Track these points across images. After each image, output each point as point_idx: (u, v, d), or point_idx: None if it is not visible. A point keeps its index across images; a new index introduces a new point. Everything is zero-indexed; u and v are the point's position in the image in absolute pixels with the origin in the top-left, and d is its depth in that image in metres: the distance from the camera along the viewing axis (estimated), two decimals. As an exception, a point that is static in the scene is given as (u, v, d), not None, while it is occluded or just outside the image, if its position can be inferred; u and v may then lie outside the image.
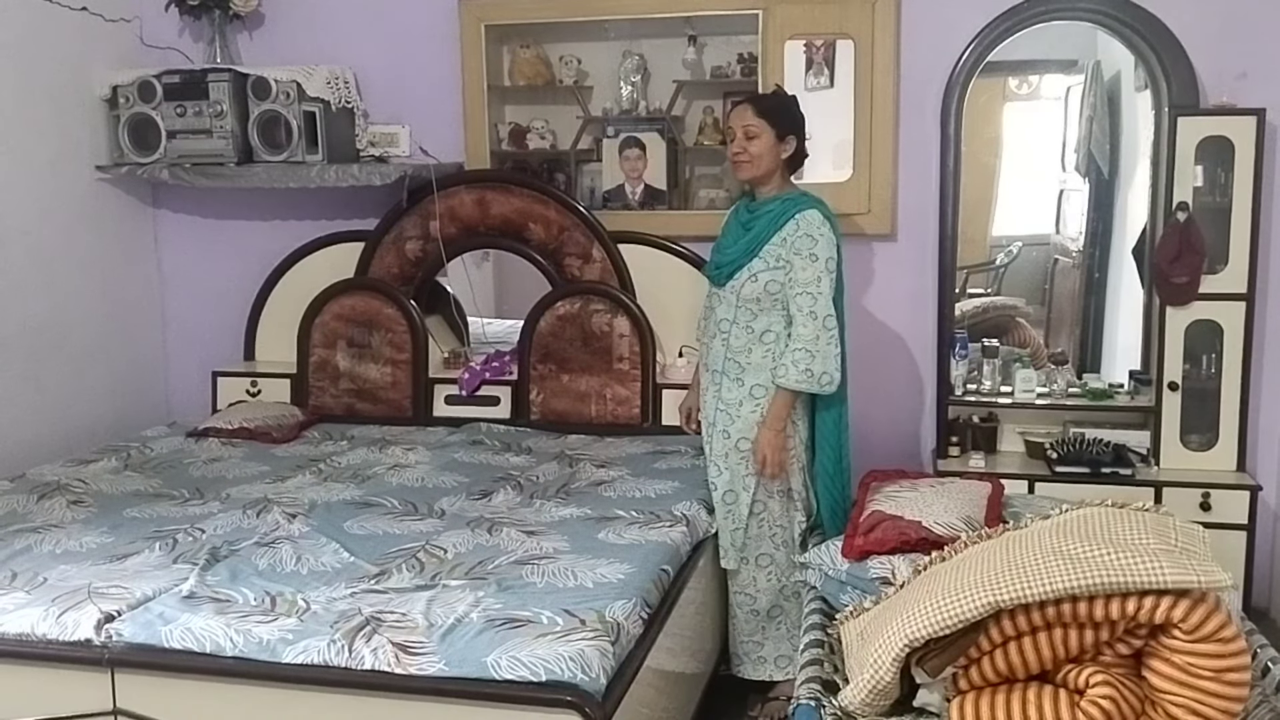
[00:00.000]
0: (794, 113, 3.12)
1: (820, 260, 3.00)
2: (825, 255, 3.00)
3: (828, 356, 3.00)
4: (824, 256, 3.00)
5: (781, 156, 3.09)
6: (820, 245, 3.00)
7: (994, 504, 2.87)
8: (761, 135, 3.05)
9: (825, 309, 2.99)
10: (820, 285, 2.99)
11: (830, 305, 3.00)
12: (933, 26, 3.70)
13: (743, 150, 3.07)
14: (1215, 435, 3.58)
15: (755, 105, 3.10)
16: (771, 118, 3.06)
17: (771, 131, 3.05)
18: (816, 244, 3.00)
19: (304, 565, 2.57)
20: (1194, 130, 3.47)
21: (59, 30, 3.87)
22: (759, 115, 3.06)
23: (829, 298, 3.00)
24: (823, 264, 3.00)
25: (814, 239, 3.00)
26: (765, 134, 3.05)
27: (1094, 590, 1.87)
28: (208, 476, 3.35)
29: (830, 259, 3.01)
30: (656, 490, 3.14)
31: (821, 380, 3.00)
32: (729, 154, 3.15)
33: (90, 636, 2.25)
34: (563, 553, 2.63)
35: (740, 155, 3.08)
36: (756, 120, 3.05)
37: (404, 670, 2.09)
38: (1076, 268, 4.04)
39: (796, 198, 3.09)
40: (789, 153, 3.11)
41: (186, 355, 4.43)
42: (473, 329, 4.34)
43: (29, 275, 3.78)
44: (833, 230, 3.05)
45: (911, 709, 2.10)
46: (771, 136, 3.05)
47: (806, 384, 3.00)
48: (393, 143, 4.09)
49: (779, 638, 3.25)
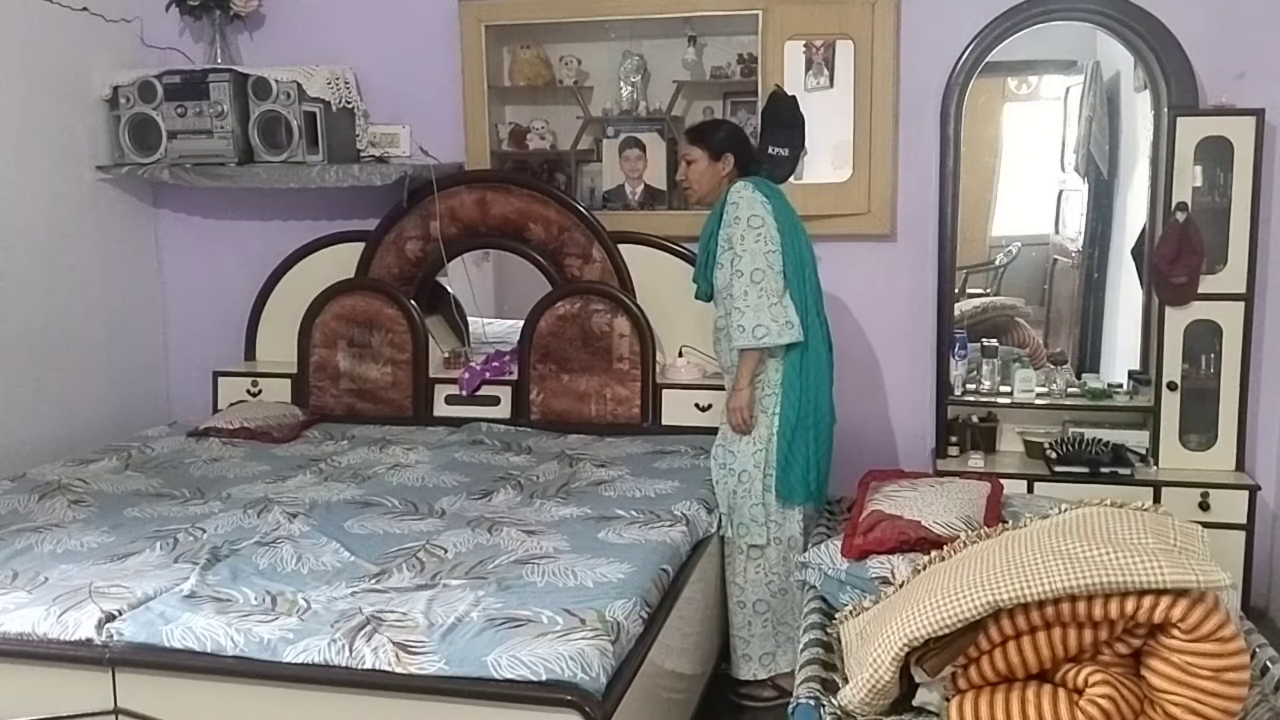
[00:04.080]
0: (726, 132, 3.29)
1: (743, 220, 3.09)
2: (747, 214, 3.09)
3: (759, 309, 3.06)
4: (745, 215, 3.09)
5: (722, 174, 3.23)
6: (741, 207, 3.10)
7: (993, 504, 2.87)
8: (697, 160, 3.23)
9: (751, 264, 3.07)
10: (745, 243, 3.08)
11: (760, 260, 3.07)
12: (932, 27, 3.70)
13: (684, 177, 3.30)
14: (1214, 435, 3.58)
15: (689, 135, 3.32)
16: (703, 142, 3.24)
17: (705, 155, 3.22)
18: (738, 207, 3.11)
19: (304, 565, 2.58)
20: (1193, 130, 3.47)
21: (60, 30, 3.87)
22: (691, 144, 3.26)
23: (757, 254, 3.07)
24: (745, 223, 3.08)
25: (736, 204, 3.12)
26: (700, 158, 3.23)
27: (1093, 590, 1.87)
28: (208, 476, 3.35)
29: (753, 216, 3.09)
30: (656, 490, 3.15)
31: (756, 333, 3.06)
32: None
33: (91, 636, 2.26)
34: (563, 552, 2.64)
35: (684, 182, 3.33)
36: (689, 148, 3.25)
37: (404, 669, 2.10)
38: (1076, 268, 4.04)
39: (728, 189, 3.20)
40: (728, 169, 3.23)
41: (187, 355, 4.44)
42: (473, 329, 4.34)
43: (30, 275, 3.78)
44: (764, 195, 3.12)
45: (911, 708, 2.10)
46: (705, 159, 3.22)
47: (745, 340, 3.08)
48: (393, 143, 4.10)
49: (764, 635, 3.28)
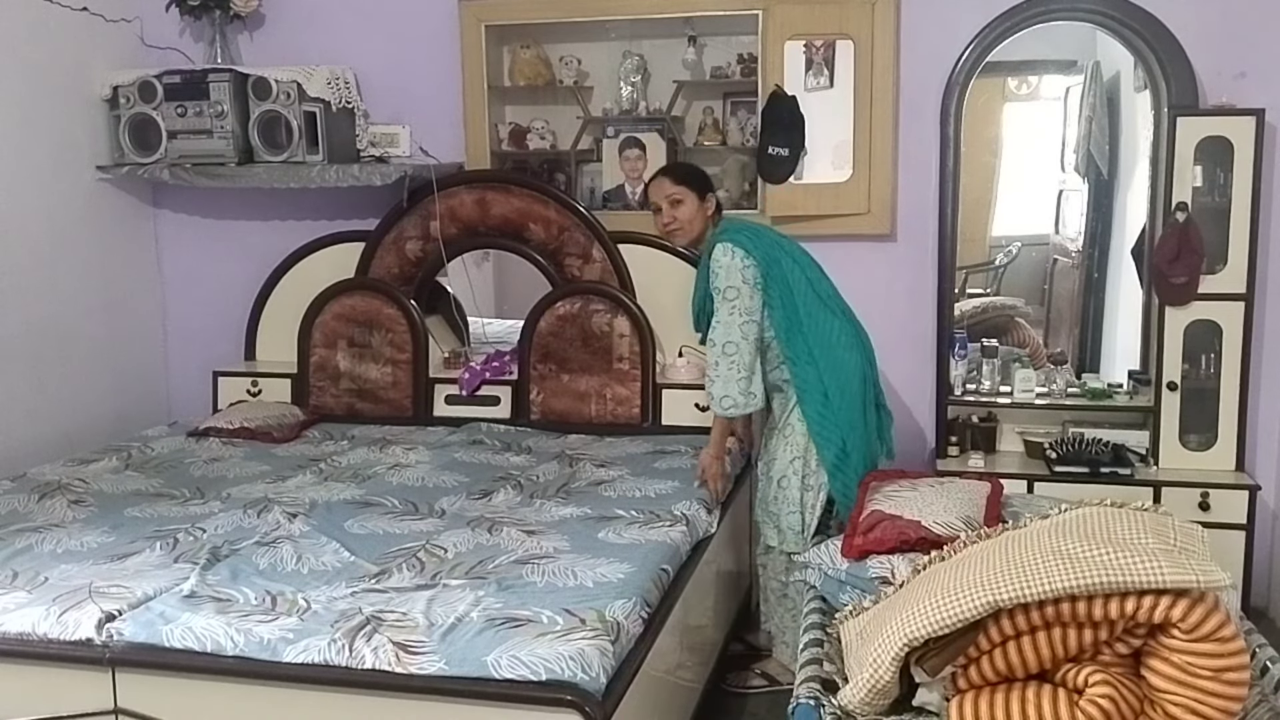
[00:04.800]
0: (704, 175, 3.34)
1: (720, 290, 3.15)
2: (724, 285, 3.14)
3: (728, 381, 3.13)
4: (723, 287, 3.14)
5: (707, 214, 3.27)
6: (720, 277, 3.15)
7: (993, 504, 2.87)
8: (686, 200, 3.23)
9: (724, 336, 3.14)
10: (720, 314, 3.15)
11: (734, 333, 3.12)
12: (932, 27, 3.70)
13: (673, 220, 3.25)
14: (1214, 435, 3.58)
15: (672, 176, 3.29)
16: (690, 183, 3.25)
17: (694, 195, 3.24)
18: (718, 277, 3.16)
19: (304, 565, 2.58)
20: (1193, 130, 3.47)
21: (60, 30, 3.87)
22: (678, 183, 3.25)
23: (731, 326, 3.13)
24: (722, 294, 3.15)
25: (716, 273, 3.16)
26: (689, 198, 3.24)
27: (1093, 590, 1.87)
28: (208, 476, 3.35)
29: (730, 288, 3.13)
30: (656, 490, 3.15)
31: (723, 404, 3.16)
32: (659, 226, 3.31)
33: (91, 636, 2.26)
34: (563, 552, 2.64)
35: (671, 224, 3.26)
36: (677, 188, 3.24)
37: (404, 669, 2.10)
38: (1076, 268, 4.04)
39: (711, 237, 3.24)
40: (711, 209, 3.28)
41: (187, 355, 4.44)
42: (473, 329, 4.35)
43: (30, 275, 3.78)
44: (738, 251, 3.12)
45: (911, 708, 2.10)
46: (695, 200, 3.24)
47: (714, 407, 3.18)
48: (393, 143, 4.09)
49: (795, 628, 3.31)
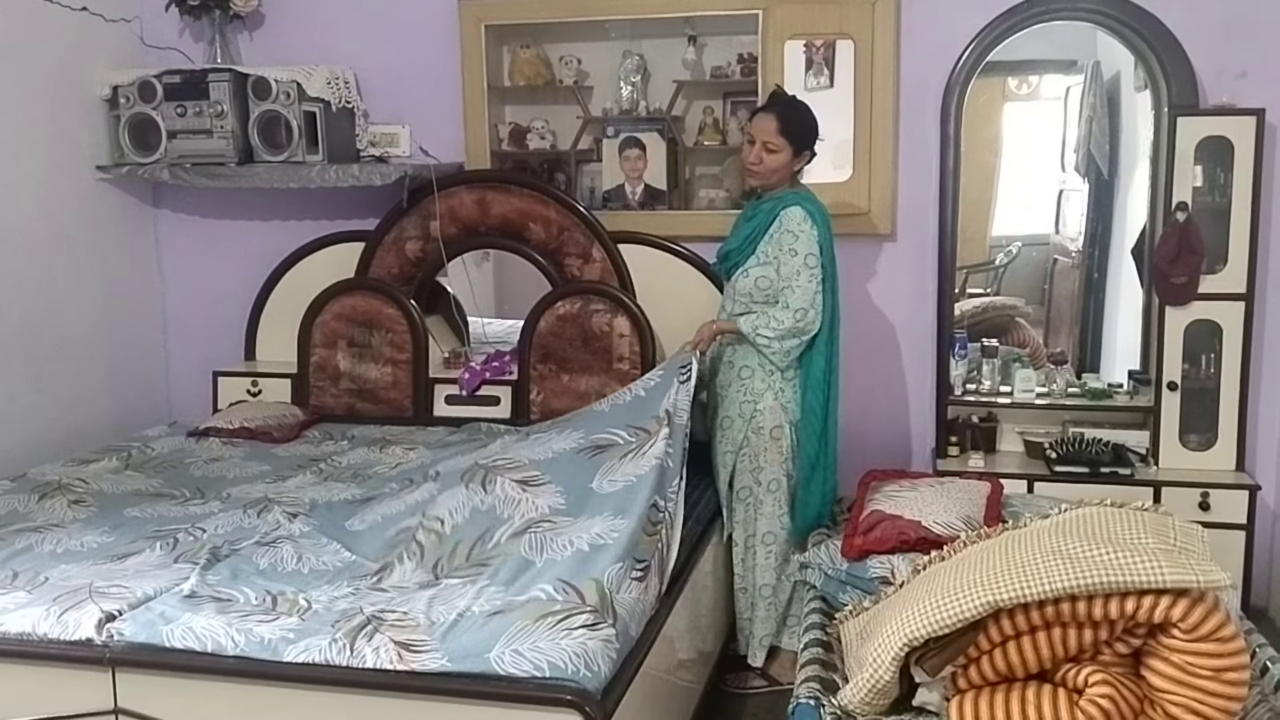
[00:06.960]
0: (814, 130, 3.20)
1: (800, 255, 3.08)
2: (805, 251, 3.08)
3: (785, 338, 3.10)
4: (803, 252, 3.08)
5: (794, 169, 3.21)
6: (800, 241, 3.09)
7: (993, 504, 2.88)
8: (781, 152, 3.14)
9: (799, 302, 3.08)
10: (799, 279, 3.08)
11: (807, 299, 3.08)
12: (932, 27, 3.70)
13: (759, 161, 3.16)
14: (1214, 435, 3.58)
15: (780, 121, 3.14)
16: (793, 137, 3.14)
17: (790, 149, 3.15)
18: (797, 240, 3.10)
19: (305, 564, 2.58)
20: (1193, 130, 3.47)
21: (59, 30, 3.87)
22: (781, 134, 3.13)
23: (808, 292, 3.08)
24: (801, 259, 3.08)
25: (795, 235, 3.10)
26: (784, 151, 3.15)
27: (1093, 590, 1.87)
28: (208, 476, 3.35)
29: (810, 254, 3.08)
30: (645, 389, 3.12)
31: (770, 348, 3.12)
32: (743, 158, 3.21)
33: (91, 636, 2.26)
34: (559, 512, 2.67)
35: (756, 165, 3.17)
36: (778, 138, 3.13)
37: (406, 667, 2.10)
38: (1076, 268, 4.04)
39: (786, 195, 3.18)
40: (801, 165, 3.22)
41: (187, 355, 4.44)
42: (473, 329, 4.34)
43: (29, 275, 3.78)
44: (816, 226, 3.11)
45: (911, 708, 2.10)
46: (789, 153, 3.16)
47: (759, 342, 3.12)
48: (393, 143, 4.09)
49: (765, 619, 3.30)
